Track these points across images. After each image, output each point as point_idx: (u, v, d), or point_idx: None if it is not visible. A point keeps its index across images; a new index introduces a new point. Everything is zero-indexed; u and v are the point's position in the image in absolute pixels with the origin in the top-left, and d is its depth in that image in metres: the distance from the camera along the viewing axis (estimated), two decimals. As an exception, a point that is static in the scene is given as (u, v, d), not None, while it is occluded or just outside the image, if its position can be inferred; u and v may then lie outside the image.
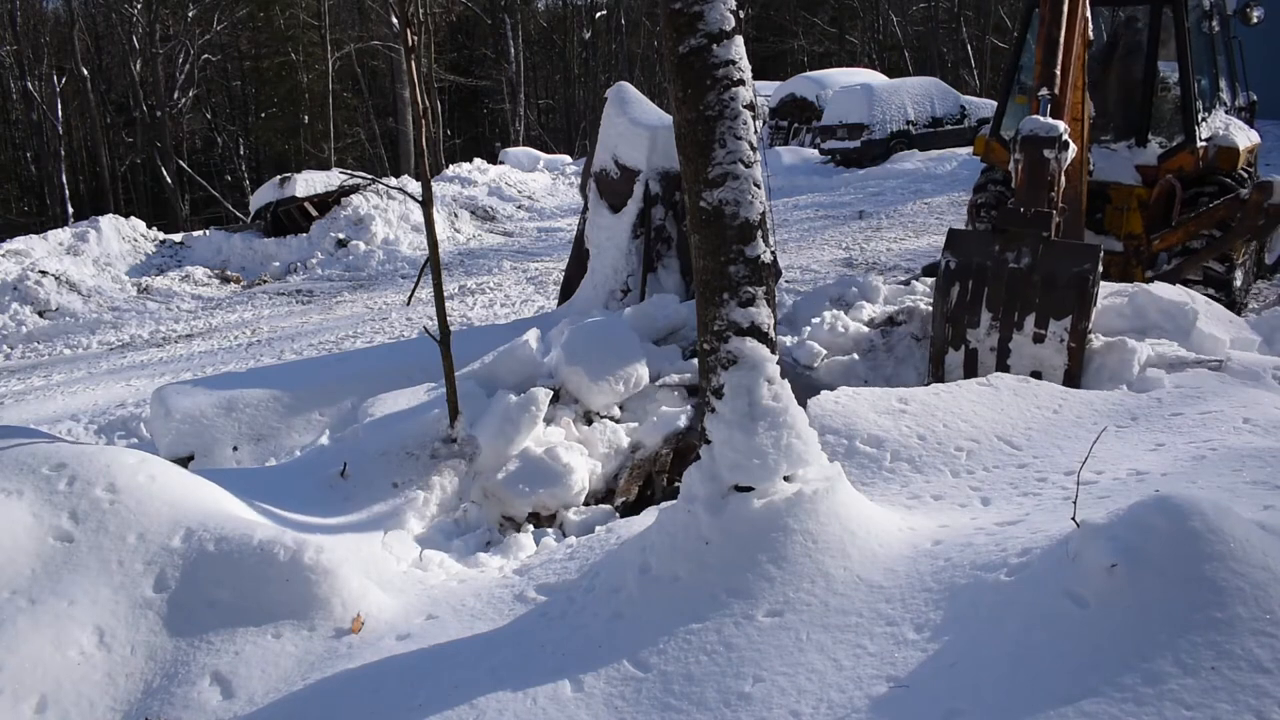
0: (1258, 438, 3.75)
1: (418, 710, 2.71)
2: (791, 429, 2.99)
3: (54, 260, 13.04)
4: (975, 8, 34.92)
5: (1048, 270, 4.96)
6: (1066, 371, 4.92)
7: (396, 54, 25.75)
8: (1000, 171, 8.40)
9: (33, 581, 3.10)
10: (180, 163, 28.92)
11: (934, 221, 13.10)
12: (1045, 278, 4.95)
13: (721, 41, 3.09)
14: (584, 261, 7.08)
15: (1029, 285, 4.99)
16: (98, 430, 7.36)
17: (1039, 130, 5.36)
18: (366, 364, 6.16)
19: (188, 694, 2.93)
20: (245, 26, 34.55)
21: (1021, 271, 5.00)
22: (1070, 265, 4.94)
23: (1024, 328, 5.01)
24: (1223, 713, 1.98)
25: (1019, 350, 5.05)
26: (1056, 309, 4.93)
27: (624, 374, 5.25)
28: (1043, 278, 4.96)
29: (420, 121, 4.55)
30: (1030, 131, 5.37)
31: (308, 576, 3.23)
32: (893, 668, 2.48)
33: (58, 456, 3.45)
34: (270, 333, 10.61)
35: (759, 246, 3.14)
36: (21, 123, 33.29)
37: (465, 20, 37.13)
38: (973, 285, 5.11)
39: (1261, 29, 8.42)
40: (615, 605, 3.00)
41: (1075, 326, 4.90)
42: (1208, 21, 7.92)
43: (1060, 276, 4.93)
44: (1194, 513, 2.30)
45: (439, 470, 4.45)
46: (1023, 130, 5.42)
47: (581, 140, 33.70)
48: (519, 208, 18.14)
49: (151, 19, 27.33)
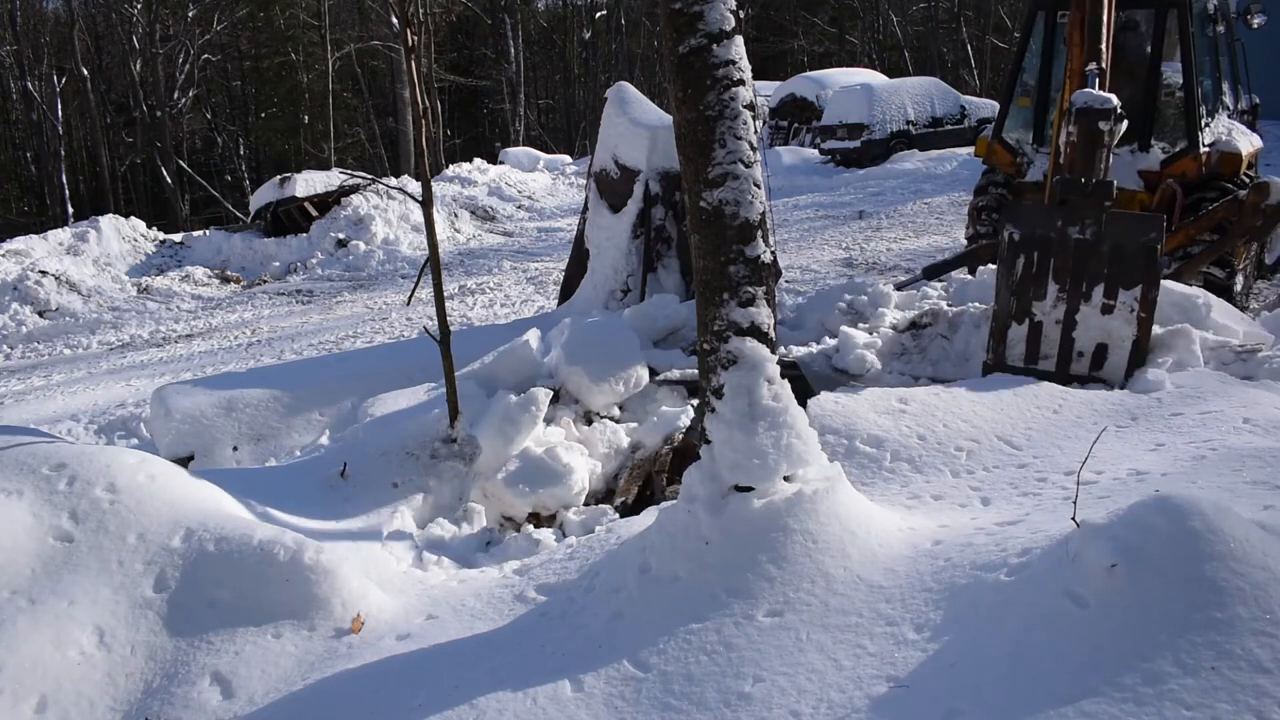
0: (1258, 438, 3.76)
1: (418, 710, 2.71)
2: (791, 429, 2.99)
3: (54, 260, 13.04)
4: (975, 8, 34.92)
5: (1114, 240, 4.87)
6: (1135, 343, 4.86)
7: (396, 54, 25.76)
8: (1001, 174, 8.41)
9: (33, 581, 3.10)
10: (180, 163, 28.93)
11: (934, 221, 13.10)
12: (1113, 248, 4.86)
13: (721, 41, 3.10)
14: (584, 261, 7.08)
15: (1096, 256, 4.89)
16: (98, 430, 7.36)
17: (1093, 103, 5.33)
18: (366, 364, 6.16)
19: (188, 694, 2.93)
20: (245, 26, 34.56)
21: (1088, 242, 4.90)
22: (1137, 235, 4.86)
23: (1092, 298, 4.92)
24: (1223, 713, 1.98)
25: (1085, 322, 4.96)
26: (1126, 279, 4.85)
27: (624, 374, 5.25)
28: (1110, 248, 4.86)
29: (420, 121, 4.54)
30: (1084, 104, 5.35)
31: (308, 576, 3.23)
32: (893, 668, 2.48)
33: (58, 456, 3.45)
34: (270, 333, 10.61)
35: (759, 246, 3.14)
36: (21, 123, 33.31)
37: (465, 20, 37.14)
38: (1038, 257, 4.99)
39: (1264, 31, 8.42)
40: (615, 605, 3.00)
41: (1145, 296, 4.83)
42: (1211, 25, 7.92)
43: (1128, 246, 4.85)
44: (1194, 513, 2.30)
45: (439, 470, 4.45)
46: (1076, 103, 5.39)
47: (581, 140, 33.72)
48: (519, 208, 18.14)
49: (151, 19, 27.34)
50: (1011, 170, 8.23)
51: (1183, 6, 7.34)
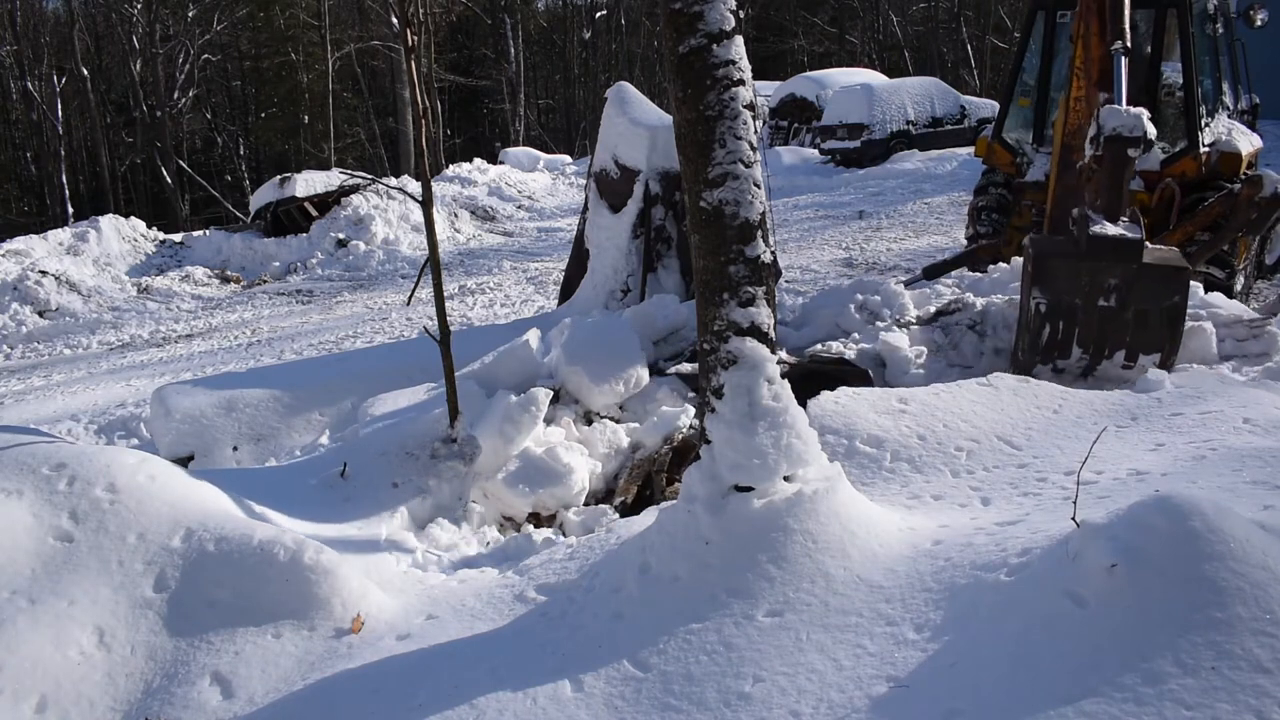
0: (1258, 438, 3.76)
1: (418, 710, 2.71)
2: (791, 429, 2.99)
3: (54, 260, 13.04)
4: (975, 8, 34.91)
5: (1139, 305, 4.88)
6: None
7: (396, 54, 25.76)
8: (1001, 174, 8.40)
9: (33, 581, 3.10)
10: (180, 163, 28.92)
11: (934, 221, 13.10)
12: (1137, 314, 4.88)
13: (721, 41, 3.10)
14: (584, 261, 7.08)
15: (1120, 322, 4.92)
16: (98, 430, 7.36)
17: (1123, 128, 5.04)
18: (366, 364, 6.16)
19: (188, 694, 2.93)
20: (245, 26, 34.57)
21: (1113, 309, 4.91)
22: (1161, 297, 4.84)
23: (1114, 359, 5.00)
24: (1223, 713, 1.98)
25: (1105, 373, 5.06)
26: (1148, 345, 4.91)
27: (624, 374, 5.25)
28: (1134, 314, 4.88)
29: (420, 121, 4.54)
30: (1114, 129, 5.06)
31: (308, 576, 3.23)
32: (893, 668, 2.48)
33: (58, 456, 3.45)
34: (270, 333, 10.61)
35: (759, 246, 3.14)
36: (21, 123, 33.30)
37: (465, 20, 37.13)
38: (1063, 326, 5.03)
39: (1264, 31, 8.41)
40: (615, 605, 3.00)
41: (1165, 361, 4.91)
42: (1211, 24, 7.91)
43: (1152, 312, 4.85)
44: (1194, 513, 2.30)
45: (439, 470, 4.44)
46: (1106, 125, 5.11)
47: (581, 140, 33.71)
48: (519, 208, 18.14)
49: (151, 19, 27.33)
50: (1011, 170, 8.23)
51: (1182, 6, 7.33)
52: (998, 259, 8.00)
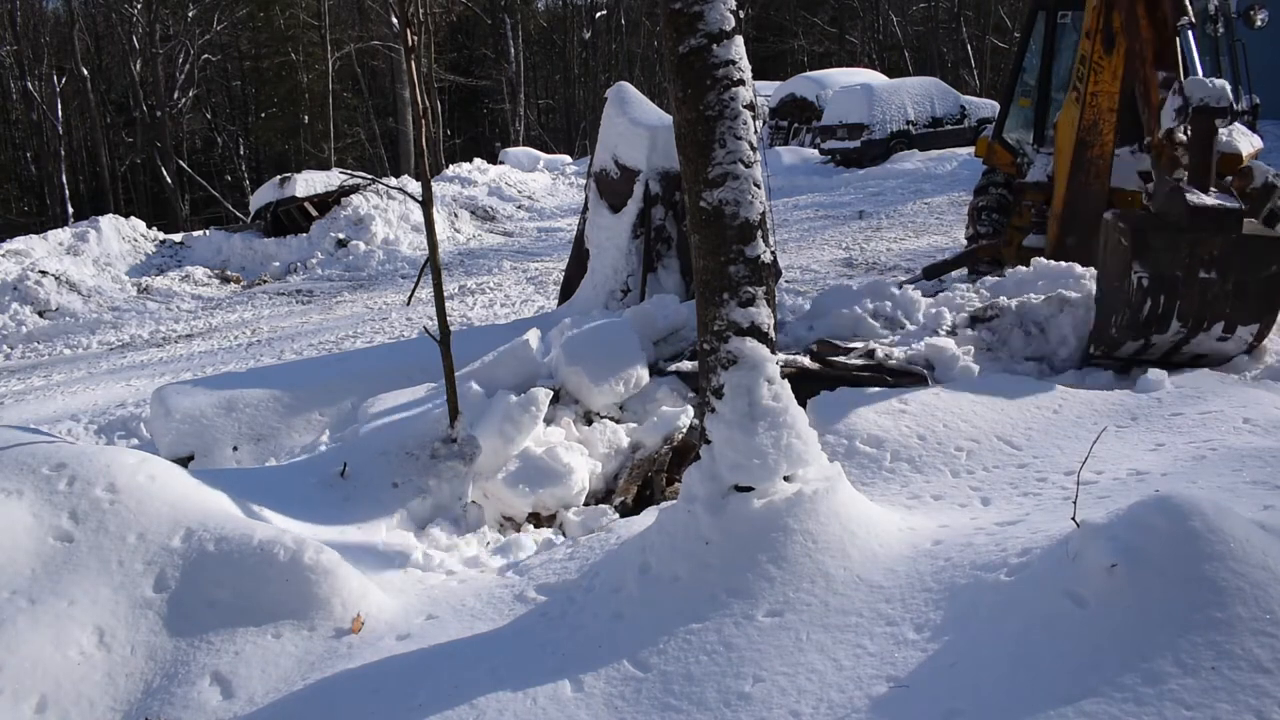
0: (1258, 438, 3.76)
1: (418, 710, 2.71)
2: (791, 429, 2.99)
3: (54, 260, 13.04)
4: (975, 8, 34.92)
5: (1239, 277, 4.85)
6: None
7: (396, 54, 25.76)
8: (1001, 174, 8.41)
9: (33, 581, 3.10)
10: (180, 163, 28.93)
11: (934, 221, 13.09)
12: (1236, 285, 4.86)
13: (721, 41, 3.10)
14: (584, 261, 7.08)
15: (1220, 294, 4.90)
16: (98, 430, 7.36)
17: (1209, 98, 5.00)
18: (366, 364, 6.16)
19: (188, 694, 2.93)
20: (245, 26, 34.56)
21: (1213, 281, 4.88)
22: (1260, 268, 4.83)
23: (1212, 331, 4.98)
24: (1223, 713, 1.98)
25: (1198, 345, 5.02)
26: (1245, 315, 4.91)
27: (624, 374, 5.25)
28: (1234, 285, 4.86)
29: (420, 121, 4.54)
30: (1202, 100, 5.01)
31: (308, 576, 3.23)
32: (893, 668, 2.48)
33: (58, 456, 3.45)
34: (270, 333, 10.61)
35: (759, 246, 3.14)
36: (21, 123, 33.30)
37: (465, 20, 37.14)
38: (1164, 300, 4.96)
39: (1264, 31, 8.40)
40: (615, 605, 3.00)
41: (1261, 331, 4.94)
42: (1211, 24, 7.92)
43: (1251, 284, 4.84)
44: (1194, 513, 2.30)
45: (439, 470, 4.44)
46: (1193, 97, 5.06)
47: (581, 140, 33.71)
48: (519, 208, 18.14)
49: (151, 19, 27.33)
50: (1012, 170, 8.24)
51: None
52: (997, 259, 8.00)
